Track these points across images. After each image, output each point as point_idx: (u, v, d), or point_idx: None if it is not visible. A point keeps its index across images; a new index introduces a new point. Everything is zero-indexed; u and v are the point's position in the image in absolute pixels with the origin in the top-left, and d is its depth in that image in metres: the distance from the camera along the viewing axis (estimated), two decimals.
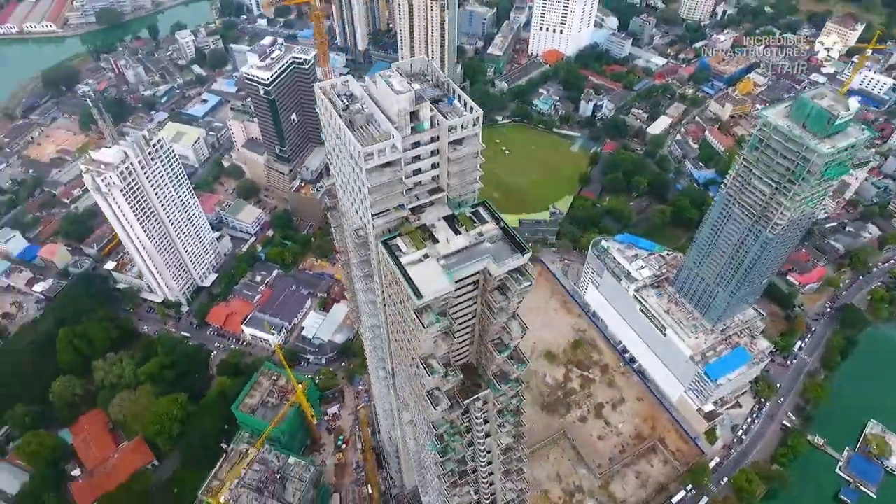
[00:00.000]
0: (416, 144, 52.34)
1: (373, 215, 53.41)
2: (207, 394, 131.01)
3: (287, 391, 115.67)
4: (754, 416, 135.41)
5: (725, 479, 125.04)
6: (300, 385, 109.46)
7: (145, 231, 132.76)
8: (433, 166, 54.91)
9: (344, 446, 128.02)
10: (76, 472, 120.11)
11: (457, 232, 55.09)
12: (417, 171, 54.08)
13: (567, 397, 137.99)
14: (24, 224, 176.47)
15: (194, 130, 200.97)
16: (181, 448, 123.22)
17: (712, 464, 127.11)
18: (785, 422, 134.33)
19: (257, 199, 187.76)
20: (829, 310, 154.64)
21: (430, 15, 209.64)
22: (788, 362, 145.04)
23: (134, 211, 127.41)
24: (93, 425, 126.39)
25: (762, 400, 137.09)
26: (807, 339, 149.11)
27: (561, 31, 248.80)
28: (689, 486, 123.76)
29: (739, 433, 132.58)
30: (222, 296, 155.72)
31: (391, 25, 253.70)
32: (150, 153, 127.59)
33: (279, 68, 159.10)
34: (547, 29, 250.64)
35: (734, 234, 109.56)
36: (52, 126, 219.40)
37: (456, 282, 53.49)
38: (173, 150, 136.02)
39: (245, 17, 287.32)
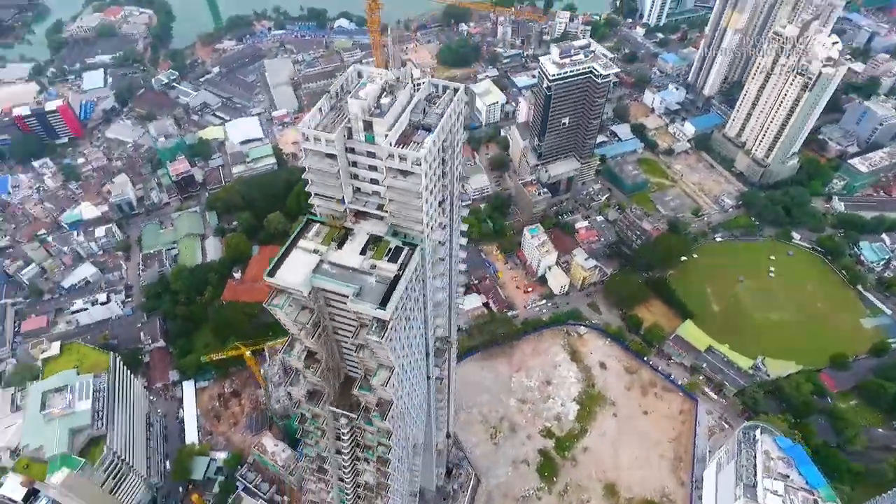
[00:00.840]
0: (372, 155, 51.90)
1: (313, 193, 55.90)
2: None
3: None
4: None
5: None
6: None
7: None
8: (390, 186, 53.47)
9: None
10: (237, 275, 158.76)
11: (363, 252, 53.85)
12: (367, 179, 53.78)
13: None
14: None
15: (499, 95, 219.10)
16: None
17: None
18: None
19: (500, 174, 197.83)
20: None
21: (787, 88, 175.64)
22: None
23: None
24: (268, 255, 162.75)
25: None
26: None
27: None
28: None
29: None
30: None
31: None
32: None
33: (570, 70, 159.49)
34: None
35: None
36: (422, 47, 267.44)
37: (320, 289, 53.40)
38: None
39: (630, 20, 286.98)
